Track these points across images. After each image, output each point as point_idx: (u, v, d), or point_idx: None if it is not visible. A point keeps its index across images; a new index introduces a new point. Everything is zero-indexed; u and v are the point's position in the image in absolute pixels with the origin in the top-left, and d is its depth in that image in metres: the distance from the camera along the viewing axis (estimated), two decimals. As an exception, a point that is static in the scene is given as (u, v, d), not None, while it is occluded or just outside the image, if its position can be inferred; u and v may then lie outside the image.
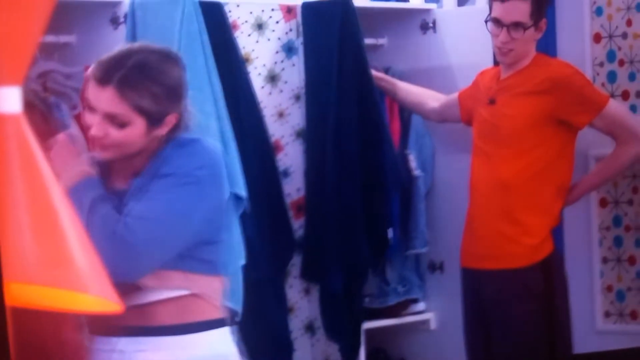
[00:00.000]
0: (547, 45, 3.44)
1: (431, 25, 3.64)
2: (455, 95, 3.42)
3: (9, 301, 1.25)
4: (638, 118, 3.26)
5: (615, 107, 3.23)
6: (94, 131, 2.13)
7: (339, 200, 3.28)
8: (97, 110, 2.13)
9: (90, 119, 2.15)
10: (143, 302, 2.14)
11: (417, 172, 3.61)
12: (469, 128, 3.37)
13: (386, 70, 3.62)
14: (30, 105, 2.75)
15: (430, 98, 3.47)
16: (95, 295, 1.26)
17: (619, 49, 3.53)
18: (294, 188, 3.38)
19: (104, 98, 2.12)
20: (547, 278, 3.16)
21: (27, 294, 1.23)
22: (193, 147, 2.19)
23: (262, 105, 3.25)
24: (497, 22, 3.16)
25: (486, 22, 3.20)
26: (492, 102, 3.23)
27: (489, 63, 3.42)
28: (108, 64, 2.15)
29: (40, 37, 1.27)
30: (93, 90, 2.13)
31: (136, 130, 2.14)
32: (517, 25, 3.14)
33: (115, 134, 2.13)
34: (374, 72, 3.40)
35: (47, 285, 1.22)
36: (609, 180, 3.38)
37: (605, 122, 3.18)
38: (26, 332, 1.92)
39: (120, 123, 2.13)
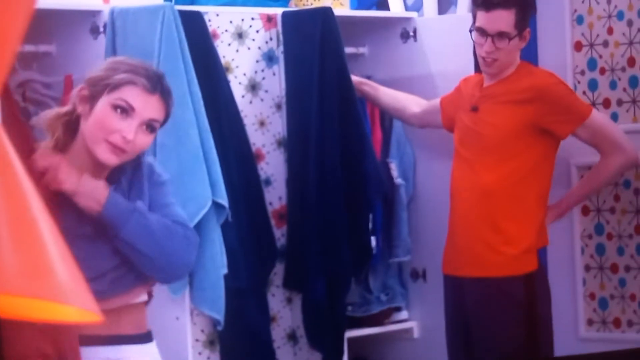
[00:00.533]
0: (529, 54, 3.45)
1: (412, 34, 3.65)
2: (437, 100, 3.43)
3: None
4: (620, 128, 3.28)
5: (599, 117, 3.24)
6: (129, 136, 2.21)
7: (321, 209, 3.29)
8: (138, 116, 2.23)
9: (122, 124, 2.22)
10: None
11: (398, 180, 3.63)
12: (450, 137, 3.38)
13: (368, 78, 3.60)
14: (9, 116, 2.77)
15: (411, 103, 3.49)
16: (75, 306, 1.26)
17: (600, 57, 3.54)
18: (275, 197, 3.38)
19: (151, 105, 2.25)
20: (529, 290, 3.18)
21: (5, 305, 1.23)
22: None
23: (243, 114, 3.26)
24: (481, 31, 3.16)
25: (470, 31, 3.20)
26: (474, 109, 3.23)
27: (470, 71, 3.43)
28: (152, 74, 2.29)
29: (17, 47, 1.27)
30: (141, 97, 2.24)
31: (154, 137, 2.31)
32: (501, 35, 3.14)
33: (142, 139, 2.25)
34: (355, 78, 3.42)
35: (26, 296, 1.22)
36: (595, 192, 3.39)
37: (588, 133, 3.18)
38: (24, 342, 1.92)
39: (152, 129, 2.27)
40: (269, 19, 3.36)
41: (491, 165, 3.18)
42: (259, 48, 3.35)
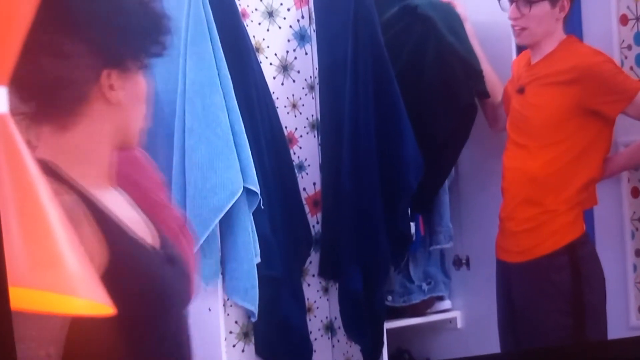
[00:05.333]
0: (573, 28, 3.41)
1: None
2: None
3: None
4: None
5: None
6: None
7: (357, 195, 3.26)
8: None
9: None
10: None
11: None
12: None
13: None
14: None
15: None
16: (86, 299, 1.28)
17: None
18: (309, 182, 3.37)
19: None
20: (575, 265, 3.15)
21: (17, 297, 1.25)
22: None
23: (274, 96, 3.25)
24: None
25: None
26: (521, 90, 3.22)
27: (511, 46, 3.39)
28: None
29: (24, 33, 1.29)
30: None
31: None
32: (526, 0, 3.12)
33: None
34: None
35: (36, 289, 1.25)
36: (637, 165, 3.35)
37: (638, 109, 3.15)
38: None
39: None
40: (301, -4, 3.36)
41: (538, 149, 3.17)
42: (290, 27, 3.33)
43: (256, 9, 3.27)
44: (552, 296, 3.15)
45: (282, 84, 3.33)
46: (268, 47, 3.29)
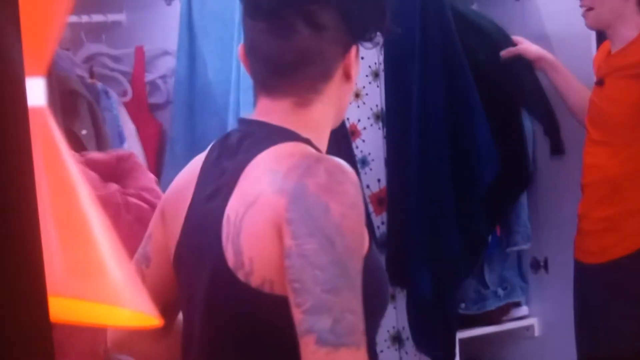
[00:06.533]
0: None
1: None
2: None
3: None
4: None
5: None
6: None
7: (426, 192, 3.19)
8: None
9: None
10: None
11: None
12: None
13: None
14: (75, 94, 2.81)
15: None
16: (134, 310, 1.23)
17: None
18: (373, 179, 3.30)
19: None
20: None
21: (56, 308, 1.21)
22: None
23: None
24: None
25: None
26: (600, 83, 3.15)
27: (591, 34, 3.32)
28: None
29: (65, 20, 1.25)
30: None
31: None
32: None
33: None
34: (533, 49, 3.28)
35: (77, 299, 1.20)
36: None
37: None
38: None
39: None
40: (363, -21, 3.30)
41: (617, 146, 3.09)
42: None
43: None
44: (630, 301, 3.07)
45: None
46: None
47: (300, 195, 1.45)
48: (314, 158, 1.50)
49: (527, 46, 3.29)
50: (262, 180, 1.49)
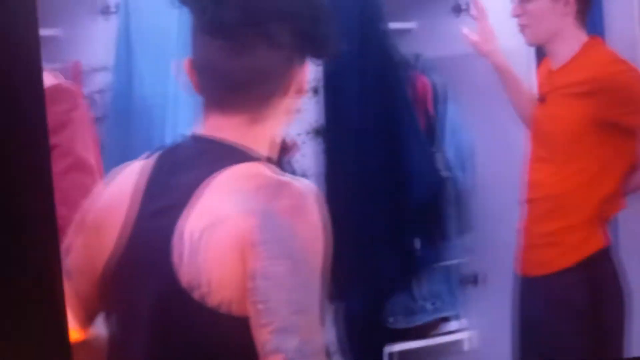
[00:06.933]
0: (594, 27, 3.31)
1: (465, 7, 3.54)
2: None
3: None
4: None
5: None
6: None
7: (360, 207, 3.18)
8: None
9: None
10: None
11: (445, 173, 3.51)
12: (511, 123, 3.29)
13: (416, 58, 3.49)
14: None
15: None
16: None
17: None
18: None
19: None
20: (593, 282, 3.08)
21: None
22: None
23: None
24: None
25: None
26: (542, 100, 3.14)
27: (533, 50, 3.30)
28: None
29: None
30: None
31: None
32: None
33: None
34: (485, 45, 3.20)
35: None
36: None
37: None
38: None
39: None
40: (303, -9, 3.28)
41: (560, 163, 3.09)
42: None
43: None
44: (571, 313, 3.08)
45: None
46: None
47: (269, 218, 1.46)
48: (280, 180, 1.51)
49: (480, 40, 3.24)
50: (226, 200, 1.49)
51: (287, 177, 1.53)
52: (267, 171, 1.53)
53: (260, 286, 1.43)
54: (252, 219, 1.46)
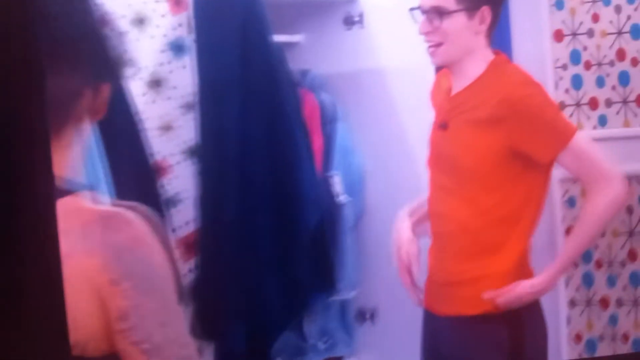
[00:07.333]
0: (502, 45, 3.18)
1: (357, 19, 3.49)
2: None
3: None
4: (603, 156, 3.00)
5: (584, 140, 2.93)
6: None
7: (242, 236, 3.09)
8: None
9: None
10: None
11: (342, 198, 3.44)
12: (406, 146, 3.24)
13: (303, 74, 3.41)
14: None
15: None
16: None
17: (585, 48, 3.40)
18: (182, 221, 3.15)
19: None
20: (513, 329, 2.94)
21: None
22: None
23: (143, 116, 3.02)
24: (419, 9, 2.90)
25: (411, 10, 2.94)
26: (443, 126, 2.97)
27: (430, 65, 3.13)
28: None
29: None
30: None
31: None
32: (437, 10, 2.87)
33: None
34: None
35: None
36: (588, 245, 3.08)
37: (572, 159, 2.89)
38: None
39: None
40: (178, 2, 3.21)
41: (469, 196, 2.93)
42: (165, 36, 3.17)
43: (124, 16, 3.11)
44: (490, 354, 2.94)
45: (154, 101, 3.15)
46: (137, 59, 3.13)
47: (116, 253, 1.47)
48: (106, 211, 1.53)
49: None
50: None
51: (110, 207, 1.55)
52: (87, 203, 1.54)
53: (137, 325, 1.45)
54: (97, 258, 1.46)
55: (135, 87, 3.06)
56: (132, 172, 2.91)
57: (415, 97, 3.27)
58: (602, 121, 3.38)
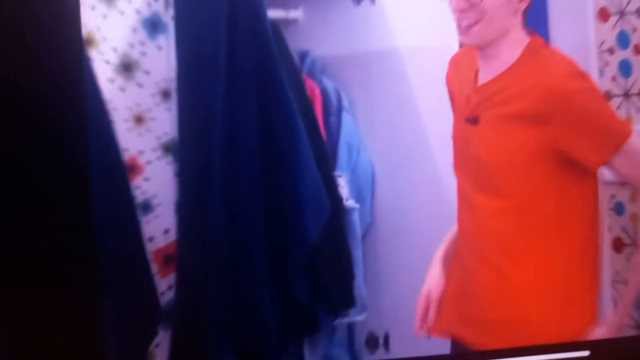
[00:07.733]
0: (535, 26, 3.07)
1: None
2: None
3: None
4: None
5: (639, 141, 2.82)
6: None
7: (232, 246, 2.89)
8: None
9: None
10: None
11: (349, 202, 3.22)
12: (424, 142, 3.06)
13: (303, 56, 3.19)
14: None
15: None
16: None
17: (634, 30, 3.25)
18: (159, 229, 2.93)
19: None
20: None
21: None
22: None
23: (110, 106, 2.87)
24: None
25: None
26: (473, 121, 2.85)
27: (452, 46, 3.04)
28: None
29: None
30: None
31: None
32: None
33: None
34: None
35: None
36: None
37: (627, 163, 2.78)
38: None
39: None
40: (154, -29, 3.02)
41: (499, 204, 2.81)
42: (138, 12, 2.97)
43: (90, -12, 2.92)
44: None
45: (124, 89, 2.94)
46: (104, 39, 2.92)
47: None
48: None
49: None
50: None
51: None
52: None
53: None
54: None
55: (102, 72, 2.87)
56: (100, 171, 2.77)
57: (435, 85, 3.09)
58: (654, 113, 3.24)
